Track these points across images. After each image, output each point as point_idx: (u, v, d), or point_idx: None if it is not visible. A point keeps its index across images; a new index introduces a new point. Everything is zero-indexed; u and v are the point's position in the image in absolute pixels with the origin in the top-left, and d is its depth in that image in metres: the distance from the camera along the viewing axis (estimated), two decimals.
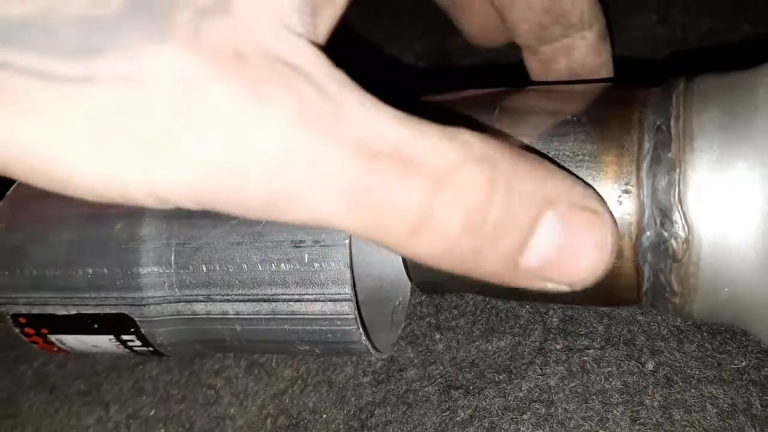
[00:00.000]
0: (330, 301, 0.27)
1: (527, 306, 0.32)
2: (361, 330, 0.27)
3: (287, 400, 0.31)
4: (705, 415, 0.27)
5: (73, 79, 0.15)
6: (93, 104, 0.15)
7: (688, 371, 0.28)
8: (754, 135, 0.21)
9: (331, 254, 0.26)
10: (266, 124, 0.16)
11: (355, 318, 0.27)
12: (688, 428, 0.27)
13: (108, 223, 0.28)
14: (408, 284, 0.33)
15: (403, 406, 0.30)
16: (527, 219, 0.18)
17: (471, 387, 0.30)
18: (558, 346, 0.30)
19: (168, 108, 0.15)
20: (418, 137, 0.17)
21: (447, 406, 0.29)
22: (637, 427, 0.27)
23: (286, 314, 0.27)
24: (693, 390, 0.27)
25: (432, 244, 0.18)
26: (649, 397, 0.28)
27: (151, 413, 0.33)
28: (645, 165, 0.23)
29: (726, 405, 0.27)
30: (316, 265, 0.26)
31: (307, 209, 0.17)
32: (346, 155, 0.16)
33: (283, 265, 0.27)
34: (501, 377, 0.30)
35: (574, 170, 0.23)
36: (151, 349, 0.30)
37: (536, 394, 0.29)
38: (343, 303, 0.26)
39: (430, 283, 0.28)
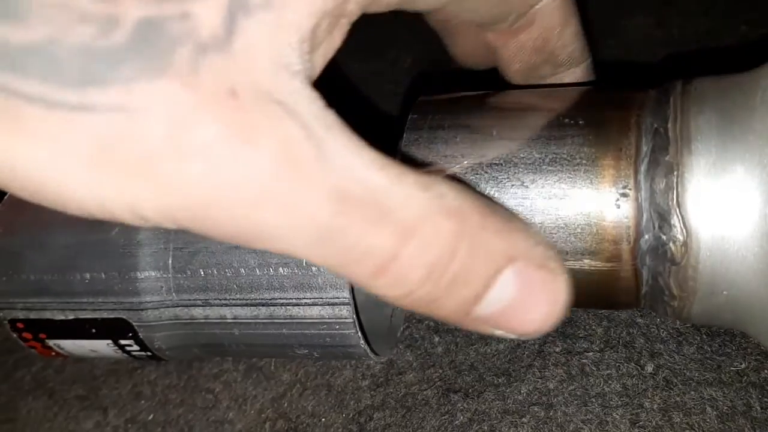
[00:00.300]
0: (328, 305, 0.26)
1: None
2: (359, 334, 0.27)
3: (286, 404, 0.31)
4: (704, 417, 0.27)
5: (70, 106, 0.16)
6: (87, 131, 0.16)
7: (688, 374, 0.28)
8: (750, 137, 0.21)
9: None
10: (248, 163, 0.16)
11: (354, 322, 0.27)
12: (687, 431, 0.26)
13: (105, 227, 0.28)
14: None
15: (402, 410, 0.30)
16: (486, 275, 0.19)
17: (470, 390, 0.30)
18: (557, 349, 0.30)
19: (157, 139, 0.16)
20: (395, 184, 0.18)
21: (446, 409, 0.29)
22: (636, 430, 0.27)
23: (284, 318, 0.27)
24: (692, 392, 0.27)
25: (392, 287, 0.19)
26: (649, 400, 0.28)
27: (150, 418, 0.33)
28: (643, 168, 0.23)
29: (726, 407, 0.27)
30: (314, 269, 0.26)
31: (276, 243, 0.18)
32: (321, 198, 0.17)
33: (281, 269, 0.27)
34: (500, 380, 0.30)
35: (572, 174, 0.23)
36: (149, 353, 0.30)
37: (535, 397, 0.29)
38: (342, 307, 0.26)
39: None
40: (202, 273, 0.27)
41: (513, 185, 0.24)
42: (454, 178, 0.24)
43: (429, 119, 0.26)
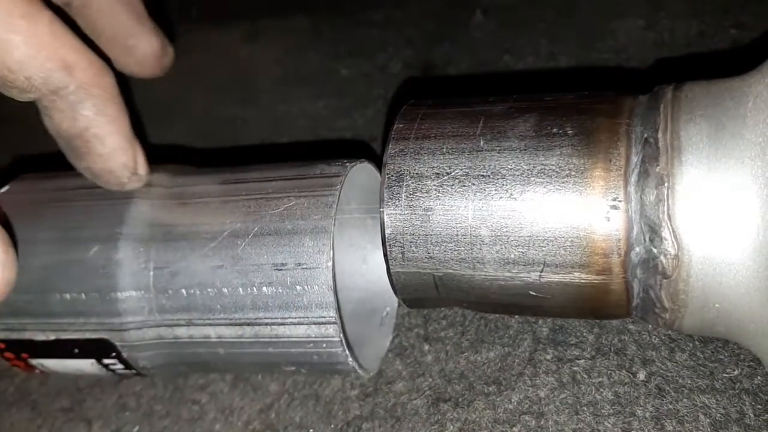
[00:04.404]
0: (314, 324, 0.26)
1: (516, 316, 0.31)
2: (347, 352, 0.26)
3: (273, 415, 0.31)
4: (698, 425, 0.26)
5: None
6: None
7: (680, 381, 0.28)
8: (741, 147, 0.21)
9: (313, 277, 0.26)
10: None
11: (341, 340, 0.26)
12: None
13: (83, 246, 0.28)
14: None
15: (391, 420, 0.30)
16: None
17: (460, 399, 0.29)
18: (548, 357, 0.30)
19: None
20: None
21: (436, 419, 0.29)
22: None
23: (270, 338, 0.27)
24: (685, 400, 0.27)
25: None
26: (641, 408, 0.27)
27: (135, 430, 0.32)
28: (633, 179, 0.22)
29: (719, 415, 0.26)
30: (298, 288, 0.26)
31: None
32: None
33: (264, 288, 0.26)
34: (490, 389, 0.29)
35: (561, 186, 0.23)
36: (134, 371, 0.30)
37: (526, 405, 0.29)
38: (328, 326, 0.26)
39: (416, 299, 0.27)
40: (184, 293, 0.27)
41: (501, 197, 0.24)
42: None
43: (415, 128, 0.26)
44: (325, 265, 0.26)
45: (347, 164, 0.28)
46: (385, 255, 0.26)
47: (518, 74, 0.41)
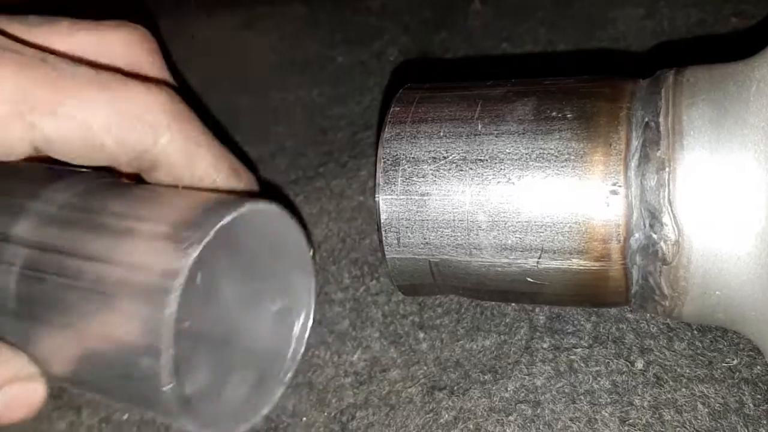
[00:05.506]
0: None
1: (513, 303, 0.31)
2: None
3: None
4: (696, 415, 0.26)
5: None
6: None
7: (679, 370, 0.27)
8: (745, 131, 0.21)
9: None
10: None
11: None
12: (678, 429, 0.26)
13: None
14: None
15: (385, 408, 0.29)
16: None
17: (455, 387, 0.29)
18: (545, 345, 0.29)
19: None
20: None
21: (431, 407, 0.29)
22: (626, 428, 0.26)
23: None
24: (683, 389, 0.27)
25: None
26: (639, 397, 0.27)
27: (124, 417, 0.32)
28: (633, 164, 0.22)
29: (717, 404, 0.26)
30: None
31: None
32: None
33: None
34: (486, 377, 0.29)
35: (560, 170, 0.23)
36: None
37: (522, 394, 0.28)
38: None
39: (412, 285, 0.27)
40: None
41: (499, 182, 0.23)
42: None
43: (412, 112, 0.26)
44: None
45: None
46: (381, 241, 0.26)
47: (516, 58, 0.41)
